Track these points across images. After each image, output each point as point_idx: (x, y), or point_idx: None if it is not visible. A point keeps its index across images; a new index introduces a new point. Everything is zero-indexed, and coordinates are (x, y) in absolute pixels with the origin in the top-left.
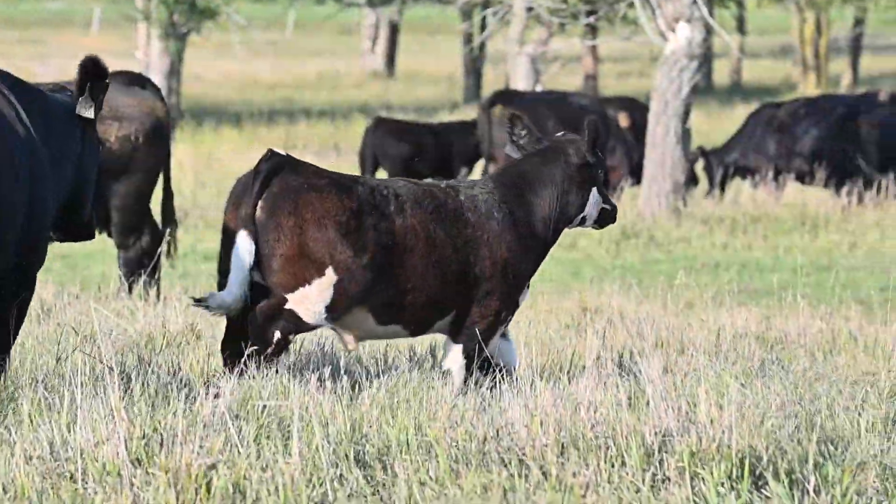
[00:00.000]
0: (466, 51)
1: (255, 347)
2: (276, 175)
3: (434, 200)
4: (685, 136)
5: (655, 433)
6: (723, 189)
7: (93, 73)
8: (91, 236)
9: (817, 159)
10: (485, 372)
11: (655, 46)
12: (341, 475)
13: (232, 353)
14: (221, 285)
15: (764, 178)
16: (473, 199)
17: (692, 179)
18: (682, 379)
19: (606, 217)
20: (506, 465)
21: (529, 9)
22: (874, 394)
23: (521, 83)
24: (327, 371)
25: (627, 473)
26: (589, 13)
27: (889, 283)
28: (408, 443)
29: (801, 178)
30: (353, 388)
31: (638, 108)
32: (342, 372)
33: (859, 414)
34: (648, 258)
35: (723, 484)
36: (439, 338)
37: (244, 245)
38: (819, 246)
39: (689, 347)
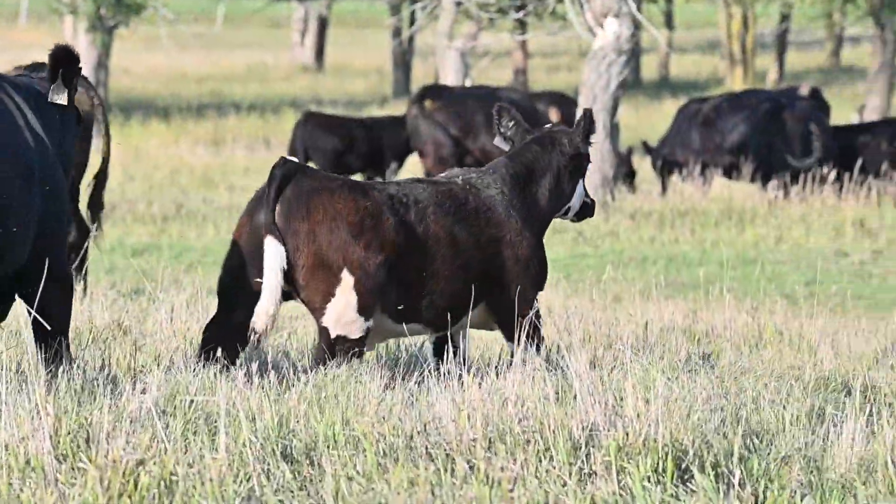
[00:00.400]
0: (395, 45)
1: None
2: (290, 181)
3: (456, 202)
4: (614, 130)
5: (582, 427)
6: (663, 184)
7: (64, 61)
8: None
9: (743, 154)
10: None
11: (584, 41)
12: (268, 470)
13: (212, 340)
14: (227, 289)
15: (691, 172)
16: (492, 196)
17: (630, 173)
18: (609, 373)
19: (586, 210)
20: (433, 460)
21: (458, 3)
22: (799, 387)
23: (450, 77)
24: (255, 366)
25: (554, 467)
26: (518, 8)
27: (814, 277)
28: (335, 438)
29: (727, 172)
30: (280, 383)
31: (567, 103)
32: (270, 367)
33: (784, 407)
34: (576, 252)
35: (649, 478)
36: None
37: (273, 250)
38: (745, 240)
39: (616, 342)
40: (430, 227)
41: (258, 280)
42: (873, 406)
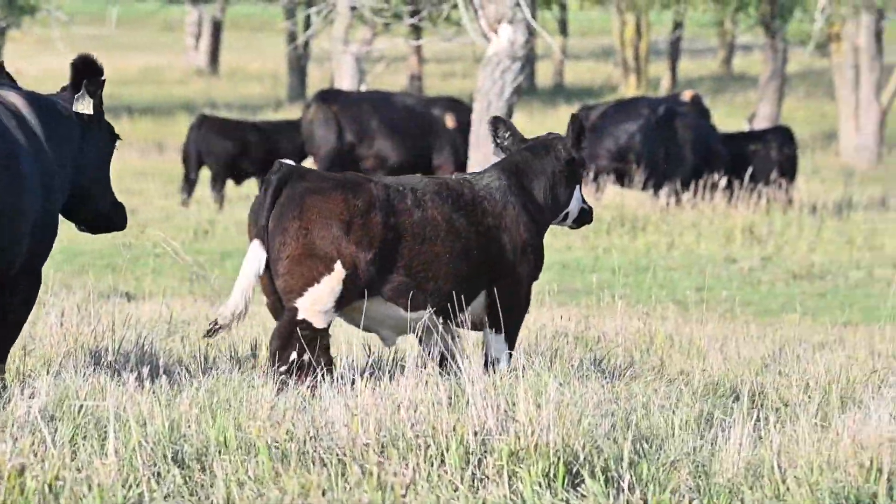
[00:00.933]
0: (290, 49)
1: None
2: (286, 185)
3: (452, 193)
4: None
5: (475, 432)
6: None
7: (86, 71)
8: (117, 227)
9: (635, 161)
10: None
11: (479, 47)
12: (158, 475)
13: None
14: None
15: (583, 179)
16: (489, 189)
17: None
18: (501, 378)
19: (585, 217)
20: (326, 465)
21: (353, 8)
22: (688, 392)
23: (345, 82)
24: (146, 371)
25: (447, 472)
26: (412, 13)
27: (704, 283)
28: (227, 443)
29: (620, 179)
30: (172, 387)
31: (462, 109)
32: (161, 372)
33: (673, 412)
34: None
35: (540, 483)
36: (262, 340)
37: (254, 254)
38: (638, 247)
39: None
40: (430, 215)
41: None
42: (761, 411)
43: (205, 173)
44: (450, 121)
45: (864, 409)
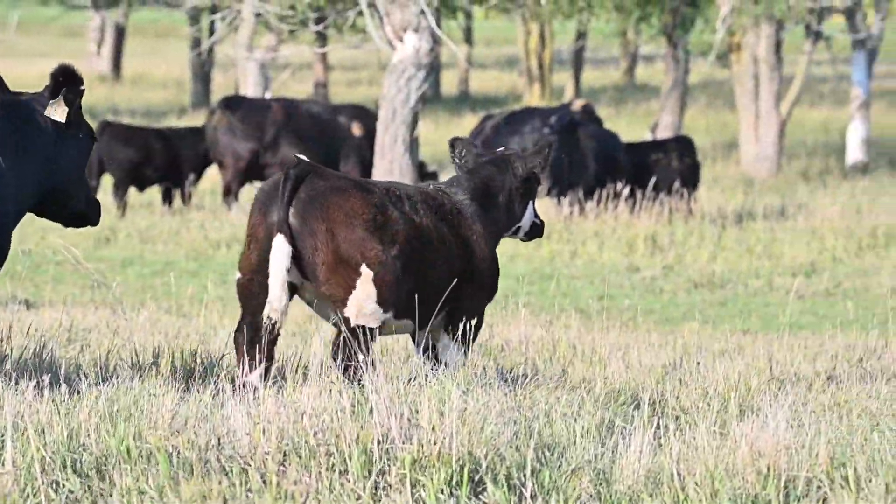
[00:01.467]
0: (194, 55)
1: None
2: (303, 181)
3: (436, 202)
4: (413, 144)
5: (378, 441)
6: None
7: (66, 80)
8: (92, 222)
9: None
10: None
11: (384, 55)
12: (57, 485)
13: (244, 344)
14: (249, 284)
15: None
16: (463, 202)
17: None
18: (405, 386)
19: (536, 230)
20: (227, 474)
21: (258, 15)
22: (590, 400)
23: (250, 89)
24: (46, 379)
25: (349, 480)
26: (318, 20)
27: (606, 291)
28: (127, 451)
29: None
30: (72, 396)
31: (368, 116)
32: (61, 380)
33: (575, 420)
34: None
35: (442, 490)
36: (164, 348)
37: (281, 248)
38: (541, 255)
39: (413, 355)
40: (424, 222)
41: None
42: (661, 419)
43: (107, 179)
44: (356, 128)
45: (762, 416)
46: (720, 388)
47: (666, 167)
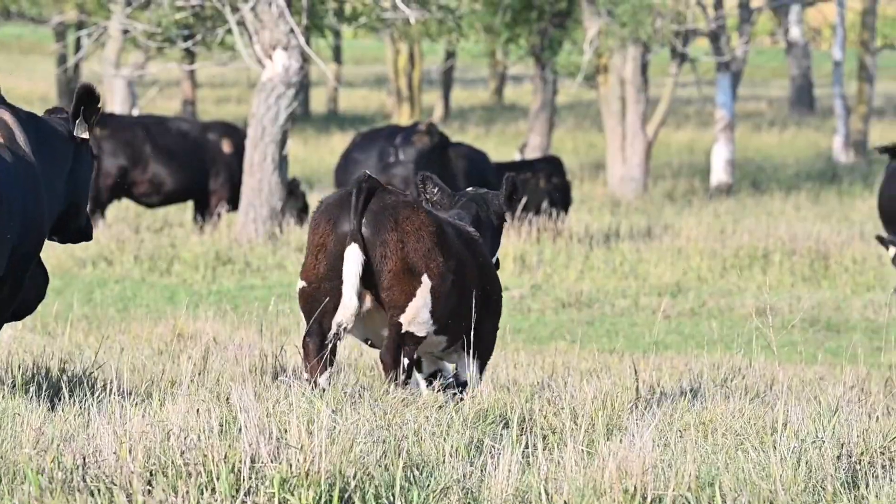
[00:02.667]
0: (60, 72)
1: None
2: (373, 195)
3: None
4: (282, 162)
5: (246, 460)
6: None
7: (87, 100)
8: (89, 238)
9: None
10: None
11: (253, 73)
12: None
13: (316, 352)
14: (315, 292)
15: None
16: (471, 231)
17: (304, 206)
18: (274, 405)
19: (496, 265)
20: (93, 494)
21: (125, 31)
22: (459, 420)
23: (117, 106)
24: None
25: (217, 500)
26: (186, 38)
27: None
28: None
29: None
30: None
31: (237, 134)
32: None
33: (444, 439)
34: (244, 284)
35: None
36: (29, 366)
37: (356, 257)
38: None
39: (282, 374)
40: (461, 245)
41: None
42: (529, 438)
43: None
44: (225, 146)
45: (629, 435)
46: (588, 407)
47: (535, 187)
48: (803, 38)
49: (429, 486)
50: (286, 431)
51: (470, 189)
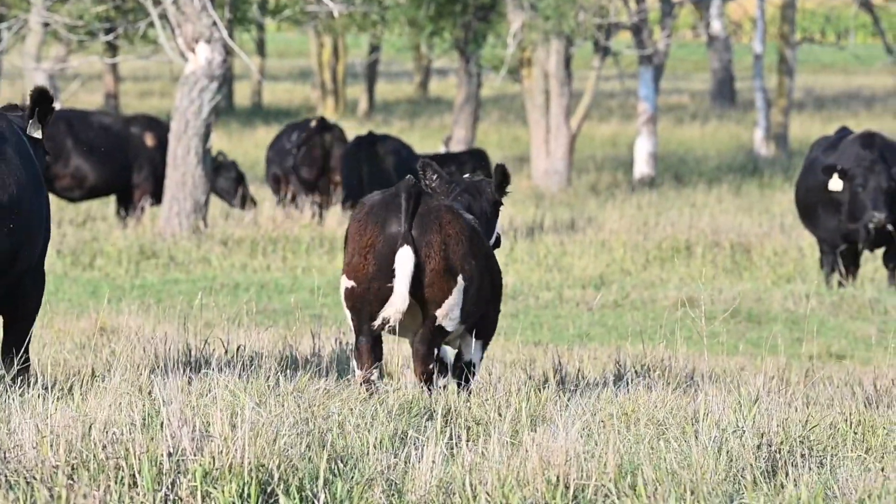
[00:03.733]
0: None
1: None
2: (419, 199)
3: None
4: (206, 156)
5: (169, 453)
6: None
7: (41, 100)
8: None
9: (333, 184)
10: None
11: (176, 66)
12: None
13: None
14: (366, 292)
15: (283, 199)
16: (472, 221)
17: (245, 195)
18: (197, 398)
19: (497, 242)
20: (13, 488)
21: (46, 24)
22: (383, 411)
23: None
24: None
25: (139, 494)
26: (108, 31)
27: None
28: None
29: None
30: None
31: (160, 127)
32: None
33: (369, 431)
34: (168, 278)
35: (234, 502)
36: None
37: (409, 257)
38: (336, 267)
39: (206, 367)
40: (479, 240)
41: (390, 286)
42: (453, 430)
43: None
44: (148, 139)
45: (552, 426)
46: (512, 398)
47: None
48: (724, 32)
49: (353, 478)
50: (209, 424)
51: (466, 176)
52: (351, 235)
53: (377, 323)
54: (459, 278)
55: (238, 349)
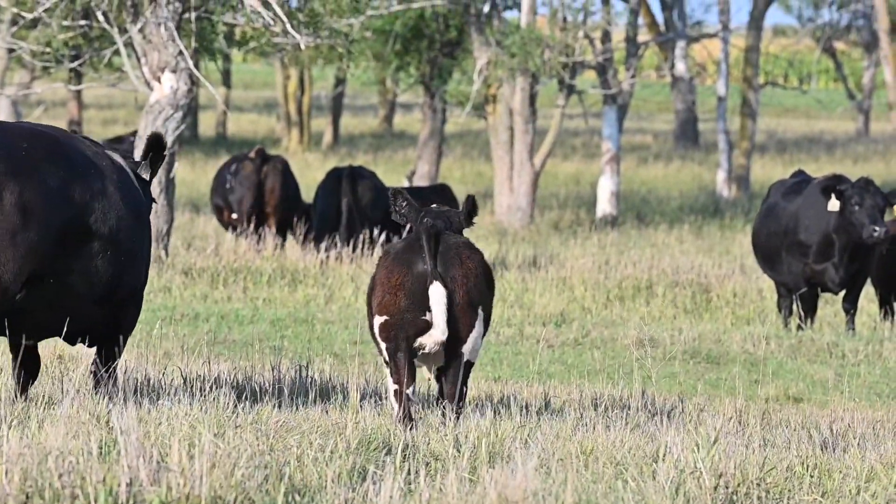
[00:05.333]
0: None
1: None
2: (439, 238)
3: None
4: (169, 185)
5: (127, 483)
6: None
7: (156, 147)
8: None
9: (300, 215)
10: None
11: (141, 94)
12: None
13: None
14: (400, 321)
15: (244, 230)
16: None
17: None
18: (155, 428)
19: None
20: None
21: (11, 50)
22: (342, 445)
23: None
24: None
25: None
26: (73, 58)
27: (360, 337)
28: None
29: (280, 231)
30: None
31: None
32: None
33: (327, 465)
34: None
35: None
36: None
37: (442, 292)
38: (298, 298)
39: (164, 397)
40: (489, 272)
41: (423, 318)
42: (412, 464)
43: None
44: None
45: (512, 463)
46: (471, 434)
47: None
48: (688, 74)
49: None
50: (167, 455)
51: (433, 206)
52: (379, 280)
53: (415, 346)
54: (479, 310)
55: (196, 379)
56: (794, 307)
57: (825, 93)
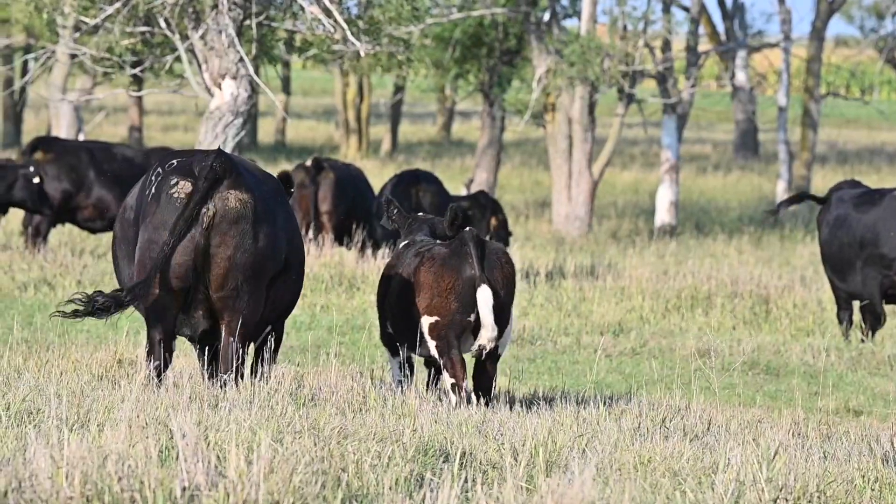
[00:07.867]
0: (6, 95)
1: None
2: (482, 244)
3: None
4: None
5: (183, 487)
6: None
7: (285, 183)
8: None
9: (354, 222)
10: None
11: (201, 101)
12: None
13: (461, 359)
14: (452, 321)
15: (305, 237)
16: None
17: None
18: (214, 433)
19: None
20: None
21: (73, 56)
22: (399, 452)
23: (63, 131)
24: None
25: None
26: (134, 64)
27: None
28: None
29: (339, 238)
30: None
31: None
32: None
33: (384, 471)
34: None
35: None
36: None
37: (490, 294)
38: (355, 305)
39: (223, 402)
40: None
41: (468, 318)
42: (469, 473)
43: None
44: None
45: (569, 472)
46: (528, 443)
47: (479, 221)
48: (749, 84)
49: None
50: (225, 460)
51: (420, 214)
52: (426, 283)
53: (473, 348)
54: (512, 309)
55: (254, 385)
56: (854, 318)
57: (887, 104)
